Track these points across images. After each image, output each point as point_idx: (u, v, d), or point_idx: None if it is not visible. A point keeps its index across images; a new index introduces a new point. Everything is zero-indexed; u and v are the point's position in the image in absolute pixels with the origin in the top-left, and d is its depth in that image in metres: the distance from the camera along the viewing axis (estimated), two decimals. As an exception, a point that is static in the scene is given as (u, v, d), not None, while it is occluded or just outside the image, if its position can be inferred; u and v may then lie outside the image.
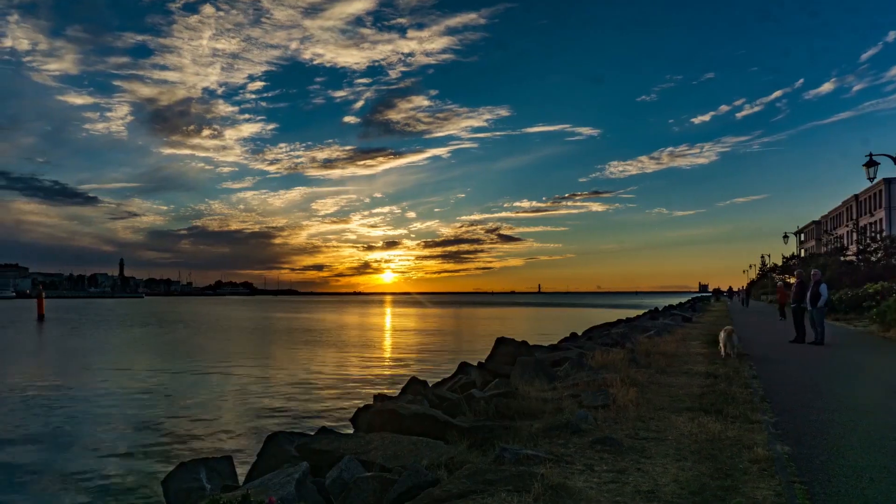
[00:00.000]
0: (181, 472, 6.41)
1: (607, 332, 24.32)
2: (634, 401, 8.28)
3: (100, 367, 25.85)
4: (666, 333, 20.74)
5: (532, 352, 15.10)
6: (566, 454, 5.79)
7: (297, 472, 5.21)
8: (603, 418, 7.35)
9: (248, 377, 22.84)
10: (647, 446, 6.14)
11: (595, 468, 5.36)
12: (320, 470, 6.01)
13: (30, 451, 12.35)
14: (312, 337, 43.25)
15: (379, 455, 6.07)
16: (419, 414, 7.50)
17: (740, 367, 12.12)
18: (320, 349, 34.04)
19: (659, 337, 18.55)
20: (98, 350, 33.54)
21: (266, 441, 7.48)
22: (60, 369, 25.55)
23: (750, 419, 7.33)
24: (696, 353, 15.21)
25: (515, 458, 5.36)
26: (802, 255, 70.81)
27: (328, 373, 24.02)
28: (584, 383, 9.61)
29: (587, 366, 11.70)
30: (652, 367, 11.87)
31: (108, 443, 12.98)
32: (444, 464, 5.57)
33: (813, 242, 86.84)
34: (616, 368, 10.98)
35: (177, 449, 12.37)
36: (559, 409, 7.72)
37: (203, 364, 27.09)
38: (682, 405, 8.31)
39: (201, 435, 13.67)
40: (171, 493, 6.20)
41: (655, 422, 7.28)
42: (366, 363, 27.57)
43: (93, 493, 9.72)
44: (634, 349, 14.23)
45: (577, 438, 6.39)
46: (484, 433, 6.66)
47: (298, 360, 28.34)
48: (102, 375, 23.45)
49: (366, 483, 5.08)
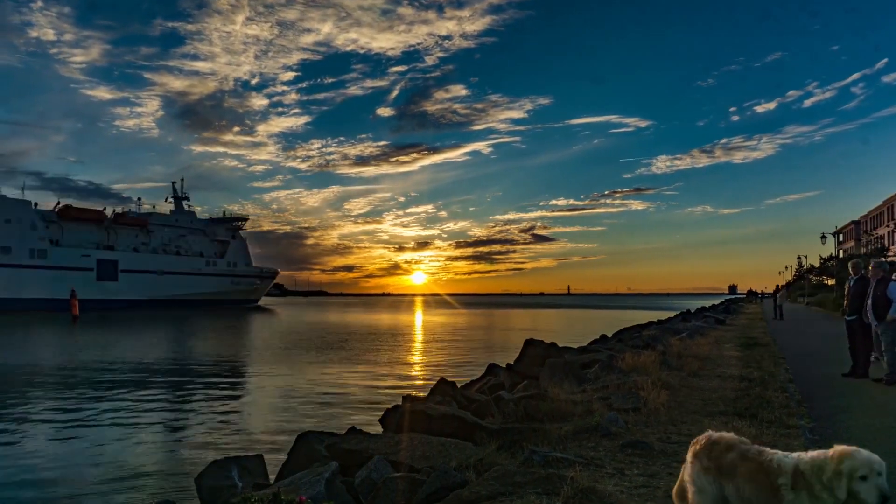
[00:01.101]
0: (213, 470, 6.52)
1: (638, 334, 24.01)
2: (666, 404, 8.16)
3: (136, 365, 26.46)
4: (698, 336, 20.39)
5: (561, 354, 15.00)
6: (596, 457, 5.73)
7: (326, 471, 5.25)
8: (633, 421, 7.26)
9: (279, 376, 23.13)
10: (679, 450, 6.03)
11: (625, 472, 5.29)
12: (350, 469, 6.05)
13: (65, 443, 12.69)
14: (342, 337, 43.63)
15: (408, 456, 6.08)
16: (448, 415, 7.50)
17: (776, 371, 11.85)
18: (349, 350, 34.30)
19: (691, 339, 18.25)
20: (137, 348, 34.35)
21: (296, 440, 7.55)
22: (97, 366, 26.21)
23: (786, 424, 7.17)
24: (729, 356, 14.92)
25: (544, 460, 5.32)
26: (840, 257, 68.94)
27: (358, 373, 24.19)
28: (615, 386, 9.50)
29: (617, 368, 11.57)
30: (684, 370, 11.68)
31: (143, 438, 13.27)
32: (472, 465, 5.56)
33: (852, 243, 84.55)
34: (647, 371, 10.83)
35: (210, 446, 12.59)
36: (589, 412, 7.65)
37: (238, 363, 27.52)
38: (715, 409, 8.16)
39: (233, 433, 13.88)
40: (204, 490, 6.30)
41: (688, 426, 7.16)
42: (394, 364, 27.69)
43: (127, 488, 9.94)
44: (666, 352, 14.03)
45: (607, 441, 6.32)
46: (513, 435, 6.63)
47: (328, 361, 28.60)
48: (138, 373, 24.00)
49: (394, 483, 5.10)
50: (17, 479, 10.58)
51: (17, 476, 10.72)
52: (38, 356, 30.74)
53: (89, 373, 24.23)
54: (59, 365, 26.86)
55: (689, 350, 14.88)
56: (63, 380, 22.43)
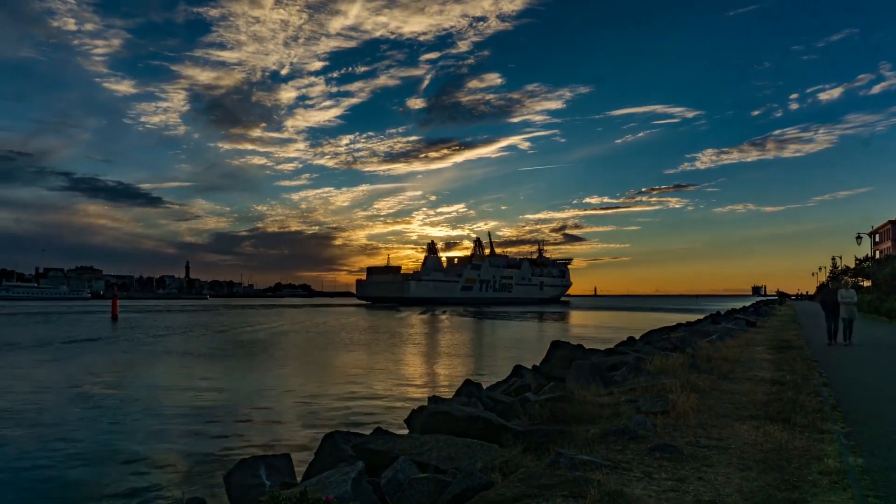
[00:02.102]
0: (242, 469, 6.60)
1: (666, 336, 23.68)
2: (695, 407, 8.03)
3: (171, 364, 26.98)
4: (728, 338, 20.05)
5: (588, 355, 14.87)
6: (623, 461, 5.66)
7: (353, 471, 5.28)
8: (662, 425, 7.16)
9: (306, 376, 23.35)
10: (709, 454, 5.94)
11: (654, 476, 5.22)
12: (375, 470, 6.07)
13: (96, 441, 12.98)
14: (369, 338, 43.88)
15: (433, 456, 6.09)
16: (473, 416, 7.49)
17: (809, 374, 11.59)
18: (376, 350, 34.48)
19: (721, 342, 17.95)
20: (174, 348, 35.00)
21: (323, 440, 7.62)
22: (133, 365, 26.77)
23: (820, 429, 7.00)
24: (761, 358, 14.64)
25: (571, 463, 5.28)
26: (877, 258, 67.13)
27: (384, 374, 24.30)
28: (642, 388, 9.39)
29: (645, 370, 11.42)
30: (714, 372, 11.49)
31: (173, 437, 13.51)
32: (498, 467, 5.54)
33: (889, 244, 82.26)
34: (675, 374, 10.68)
35: (238, 445, 12.76)
36: (616, 415, 7.56)
37: (267, 363, 27.86)
38: (746, 413, 8.01)
39: (261, 432, 14.05)
40: (233, 489, 6.39)
41: (717, 429, 7.05)
42: (420, 365, 27.75)
43: (157, 487, 10.13)
44: (695, 354, 13.82)
45: (635, 445, 6.24)
46: (538, 437, 6.59)
47: (355, 361, 28.79)
48: (173, 371, 24.47)
49: (420, 484, 5.11)
50: (43, 475, 10.85)
51: (43, 472, 11.00)
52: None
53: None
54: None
55: (718, 353, 14.64)
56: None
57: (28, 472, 10.91)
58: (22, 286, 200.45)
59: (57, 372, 24.71)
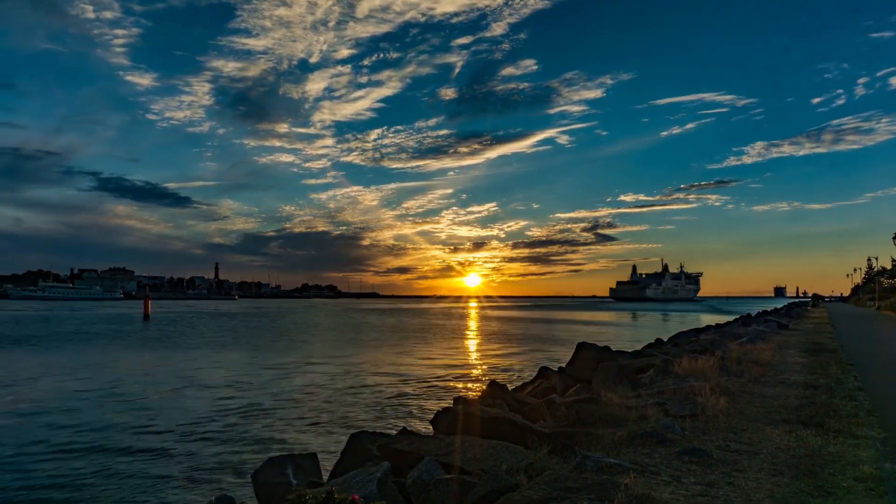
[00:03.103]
0: (269, 467, 6.67)
1: (695, 338, 23.34)
2: (725, 411, 7.90)
3: (201, 362, 27.44)
4: (760, 341, 19.66)
5: (615, 357, 14.72)
6: (651, 464, 5.59)
7: (378, 471, 5.30)
8: (690, 428, 7.06)
9: (333, 377, 23.54)
10: (739, 459, 5.83)
11: (682, 480, 5.14)
12: (401, 470, 6.09)
13: (126, 439, 13.25)
14: (394, 340, 44.06)
15: (458, 458, 6.08)
16: (499, 418, 7.47)
17: (843, 378, 11.31)
18: (401, 352, 34.61)
19: (752, 344, 17.61)
20: (205, 347, 35.61)
21: (349, 440, 7.67)
22: (167, 363, 27.29)
23: (854, 434, 6.83)
24: (793, 362, 14.34)
25: (597, 466, 5.22)
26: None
27: (409, 375, 24.37)
28: (671, 391, 9.27)
29: (673, 373, 11.27)
30: (744, 375, 11.29)
31: (203, 435, 13.72)
32: (523, 469, 5.51)
33: (927, 244, 79.77)
34: (705, 376, 10.51)
35: (266, 443, 12.91)
36: (643, 418, 7.47)
37: (296, 362, 28.15)
38: (777, 417, 7.85)
39: (289, 431, 14.20)
40: (260, 487, 6.46)
41: (748, 434, 6.92)
42: (445, 366, 27.76)
43: (185, 484, 10.30)
44: (725, 357, 13.58)
45: (663, 448, 6.16)
46: (564, 439, 6.54)
47: (381, 362, 28.93)
48: (204, 370, 24.87)
49: (445, 485, 5.11)
50: (68, 473, 11.10)
51: (68, 470, 11.25)
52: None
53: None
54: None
55: (749, 355, 14.37)
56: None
57: (63, 464, 11.20)
58: (57, 286, 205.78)
59: (111, 368, 25.32)
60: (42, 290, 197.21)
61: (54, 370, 25.31)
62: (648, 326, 61.00)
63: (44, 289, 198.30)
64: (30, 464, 11.51)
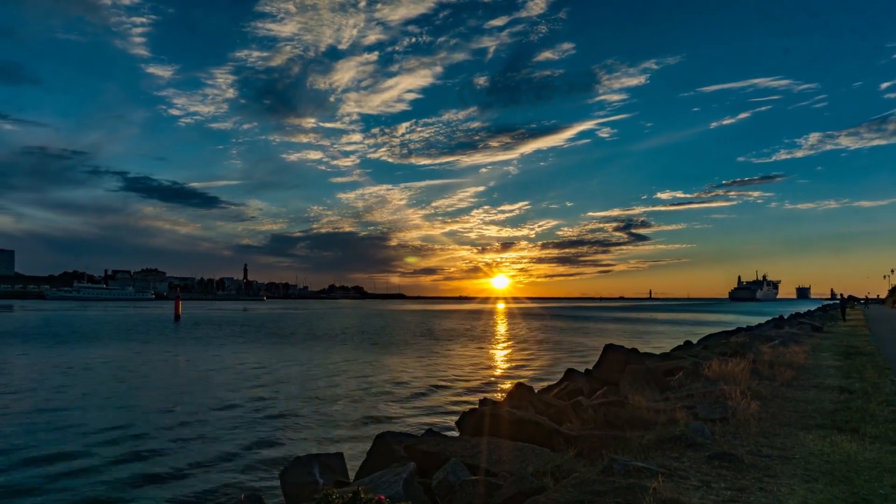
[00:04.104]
0: (296, 467, 6.74)
1: (725, 340, 22.93)
2: (756, 415, 7.75)
3: (230, 362, 27.86)
4: (793, 343, 19.23)
5: (643, 360, 14.55)
6: (680, 468, 5.51)
7: (404, 471, 5.32)
8: (721, 432, 6.94)
9: (361, 376, 23.68)
10: (771, 464, 5.71)
11: (712, 485, 5.06)
12: (427, 471, 6.10)
13: (159, 435, 13.50)
14: (418, 342, 44.17)
15: (484, 459, 6.07)
16: (525, 420, 7.44)
17: (880, 382, 11.01)
18: (427, 353, 34.68)
19: (784, 347, 17.24)
20: (234, 346, 36.16)
21: (375, 440, 7.70)
22: (202, 364, 27.76)
23: (892, 440, 6.64)
24: (828, 365, 14.00)
25: (625, 469, 5.17)
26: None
27: (435, 375, 24.41)
28: (700, 394, 9.11)
29: (703, 376, 11.09)
30: (776, 379, 11.06)
31: (232, 433, 13.92)
32: (550, 471, 5.48)
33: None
34: (735, 380, 10.32)
35: (293, 442, 13.05)
36: (672, 421, 7.37)
37: (322, 362, 28.40)
38: (811, 421, 7.67)
39: (315, 430, 14.33)
40: (287, 486, 6.53)
41: (780, 438, 6.77)
42: (471, 367, 27.74)
43: (214, 480, 10.45)
44: (756, 359, 13.33)
45: (692, 452, 6.06)
46: (591, 442, 6.48)
47: (408, 363, 29.02)
48: (233, 369, 25.25)
49: (471, 486, 5.10)
50: (101, 474, 11.33)
51: (102, 470, 11.50)
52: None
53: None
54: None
55: (781, 358, 14.07)
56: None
57: (97, 458, 11.46)
58: (92, 287, 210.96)
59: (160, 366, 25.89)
60: (77, 290, 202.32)
61: (98, 366, 25.94)
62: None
63: (79, 289, 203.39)
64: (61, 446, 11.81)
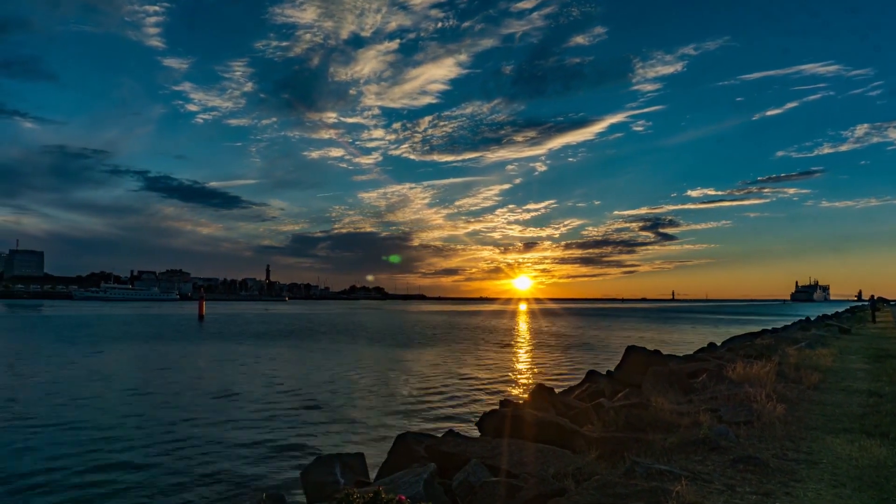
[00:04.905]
0: (318, 466, 6.79)
1: (750, 342, 22.59)
2: (782, 418, 7.62)
3: (256, 361, 28.16)
4: (819, 346, 18.88)
5: (665, 361, 14.38)
6: (703, 472, 5.43)
7: (425, 472, 5.33)
8: (745, 435, 6.83)
9: (381, 377, 23.77)
10: (798, 469, 5.61)
11: (737, 489, 4.98)
12: (447, 471, 6.10)
13: (185, 432, 13.68)
14: (440, 342, 44.18)
15: (505, 460, 6.05)
16: (546, 421, 7.40)
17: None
18: (448, 353, 34.68)
19: (811, 349, 16.93)
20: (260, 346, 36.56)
21: (396, 440, 7.73)
22: (226, 363, 28.12)
23: (924, 445, 6.48)
24: (856, 368, 13.72)
25: (647, 472, 5.11)
26: None
27: (456, 376, 24.40)
28: (724, 397, 8.99)
29: (727, 378, 10.93)
30: (802, 382, 10.86)
31: (255, 431, 14.05)
32: (571, 474, 5.44)
33: None
34: (761, 382, 10.15)
35: (314, 441, 13.13)
36: (696, 424, 7.27)
37: (345, 363, 28.56)
38: (839, 425, 7.52)
39: (336, 429, 14.41)
40: (309, 484, 6.58)
41: (807, 442, 6.65)
42: (492, 368, 27.68)
43: (235, 478, 10.56)
44: (782, 362, 13.11)
45: (716, 456, 5.98)
46: (613, 445, 6.42)
47: (429, 363, 29.05)
48: (259, 368, 25.52)
49: (492, 487, 5.09)
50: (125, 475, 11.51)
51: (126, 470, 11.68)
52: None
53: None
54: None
55: (808, 361, 13.82)
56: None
57: (128, 454, 11.66)
58: (118, 288, 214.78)
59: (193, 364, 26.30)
60: (104, 290, 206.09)
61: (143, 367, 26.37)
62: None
63: (105, 290, 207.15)
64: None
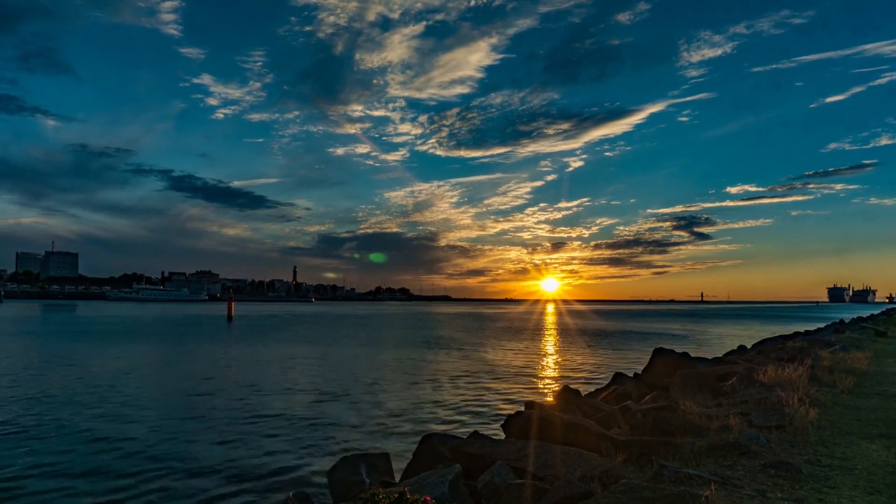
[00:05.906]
0: (344, 466, 6.83)
1: (781, 345, 22.15)
2: (815, 423, 7.45)
3: (279, 358, 28.48)
4: (854, 349, 18.43)
5: (694, 364, 14.18)
6: (733, 477, 5.34)
7: (450, 473, 5.33)
8: (777, 440, 6.70)
9: (407, 378, 23.83)
10: (831, 475, 5.48)
11: (768, 495, 4.88)
12: (472, 473, 6.10)
13: (212, 430, 13.87)
14: (466, 344, 44.16)
15: (531, 463, 6.02)
16: (572, 424, 7.34)
17: (951, 391, 10.44)
18: (473, 355, 34.64)
19: (845, 353, 16.54)
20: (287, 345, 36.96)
21: (421, 441, 7.74)
22: (252, 363, 28.48)
23: (964, 452, 6.28)
24: (892, 371, 13.35)
25: (676, 476, 5.04)
26: None
27: (481, 378, 24.35)
28: (755, 401, 8.83)
29: (758, 382, 10.73)
30: (836, 386, 10.61)
31: (282, 430, 14.19)
32: (597, 477, 5.39)
33: None
34: (793, 386, 9.95)
35: (340, 441, 13.22)
36: (725, 428, 7.15)
37: (367, 365, 28.72)
38: (874, 431, 7.33)
39: (362, 430, 14.48)
40: (335, 484, 6.63)
41: (841, 448, 6.49)
42: (518, 369, 27.57)
43: (262, 477, 10.68)
44: (815, 365, 12.83)
45: (746, 460, 5.87)
46: (640, 448, 6.35)
47: (454, 365, 29.05)
48: (284, 367, 25.80)
49: (517, 490, 5.07)
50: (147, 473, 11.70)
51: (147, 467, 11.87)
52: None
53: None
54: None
55: (842, 364, 13.50)
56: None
57: (155, 448, 11.87)
58: (150, 289, 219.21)
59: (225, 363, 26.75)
60: (136, 291, 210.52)
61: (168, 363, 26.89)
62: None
63: (137, 291, 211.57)
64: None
